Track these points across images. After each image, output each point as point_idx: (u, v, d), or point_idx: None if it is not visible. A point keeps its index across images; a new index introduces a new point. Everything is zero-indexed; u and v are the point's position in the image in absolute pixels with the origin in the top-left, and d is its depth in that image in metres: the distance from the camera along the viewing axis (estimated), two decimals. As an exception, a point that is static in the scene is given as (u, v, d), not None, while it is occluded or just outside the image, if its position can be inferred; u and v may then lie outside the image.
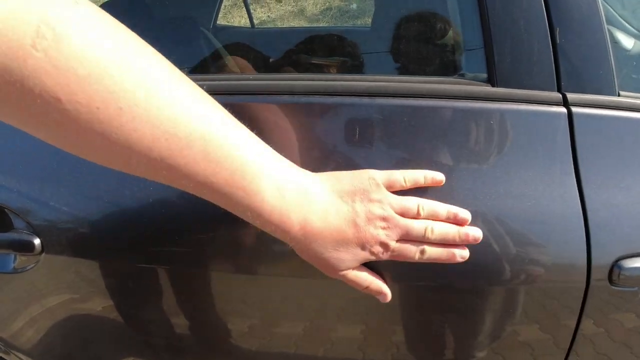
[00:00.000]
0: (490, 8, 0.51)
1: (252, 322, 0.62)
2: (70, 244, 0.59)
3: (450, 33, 0.63)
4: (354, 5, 4.83)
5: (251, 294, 0.60)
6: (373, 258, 0.41)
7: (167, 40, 1.10)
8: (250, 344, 0.64)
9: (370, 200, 0.39)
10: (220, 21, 2.22)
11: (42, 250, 0.61)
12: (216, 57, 1.39)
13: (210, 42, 1.41)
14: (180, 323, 0.63)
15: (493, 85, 0.52)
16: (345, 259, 0.40)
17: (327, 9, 4.89)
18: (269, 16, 4.25)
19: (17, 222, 0.62)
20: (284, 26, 4.01)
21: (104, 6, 1.24)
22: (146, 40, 0.33)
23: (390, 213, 0.40)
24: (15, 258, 0.64)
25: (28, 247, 0.60)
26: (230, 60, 1.38)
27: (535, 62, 0.52)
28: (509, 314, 0.56)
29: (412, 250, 0.41)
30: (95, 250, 0.59)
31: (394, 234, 0.40)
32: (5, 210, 0.62)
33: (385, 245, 0.40)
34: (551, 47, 0.53)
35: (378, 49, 1.12)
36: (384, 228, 0.39)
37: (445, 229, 0.42)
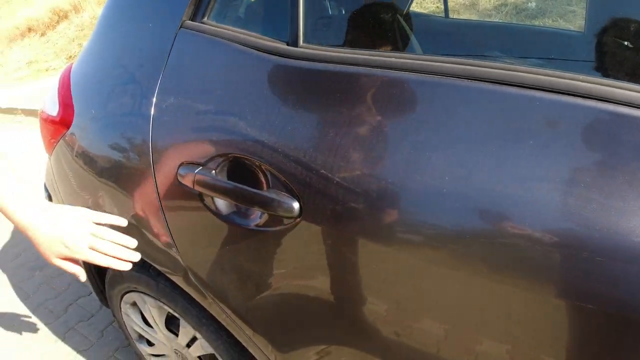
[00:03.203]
0: None
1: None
2: (335, 216, 0.57)
3: None
4: (533, 4, 4.43)
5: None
6: (71, 254, 0.69)
7: (366, 22, 1.06)
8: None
9: (79, 223, 0.69)
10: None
11: (299, 215, 0.60)
12: (405, 41, 1.33)
13: (402, 27, 1.36)
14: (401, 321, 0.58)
15: None
16: (55, 250, 0.68)
17: (501, 4, 4.56)
18: (437, 7, 4.08)
19: (275, 183, 0.62)
20: (480, 19, 3.83)
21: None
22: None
23: (85, 231, 0.69)
24: (260, 215, 0.65)
25: (287, 209, 0.59)
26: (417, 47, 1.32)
27: None
28: None
29: (95, 257, 0.70)
30: (359, 227, 0.55)
31: (86, 243, 0.69)
32: (265, 169, 0.63)
33: (79, 249, 0.68)
34: None
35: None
36: (81, 238, 0.68)
37: (113, 237, 0.71)
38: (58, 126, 1.02)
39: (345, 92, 0.58)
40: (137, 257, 0.73)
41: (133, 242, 0.73)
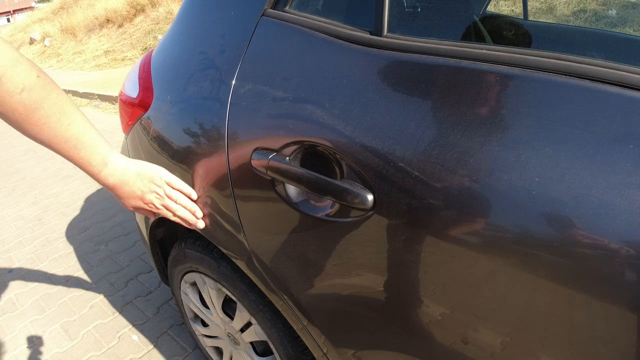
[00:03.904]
0: None
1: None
2: (411, 211, 0.55)
3: None
4: (613, 12, 4.17)
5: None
6: (147, 207, 0.80)
7: (440, 17, 1.03)
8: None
9: (155, 183, 0.78)
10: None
11: (372, 208, 0.59)
12: (487, 37, 1.28)
13: (474, 27, 1.31)
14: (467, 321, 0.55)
15: None
16: (134, 204, 0.79)
17: (580, 10, 4.33)
18: (512, 10, 3.92)
19: (349, 173, 0.61)
20: (564, 23, 3.67)
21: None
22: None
23: (161, 193, 0.79)
24: (331, 205, 0.64)
25: (361, 201, 0.58)
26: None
27: None
28: None
29: (167, 213, 0.82)
30: (436, 225, 0.53)
31: (159, 202, 0.80)
32: (339, 159, 0.62)
33: (153, 205, 0.80)
34: None
35: None
36: (156, 198, 0.79)
37: (184, 202, 0.84)
38: (136, 108, 1.07)
39: (431, 83, 0.56)
40: (201, 225, 0.87)
41: (200, 212, 0.86)
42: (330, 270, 0.69)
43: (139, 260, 2.15)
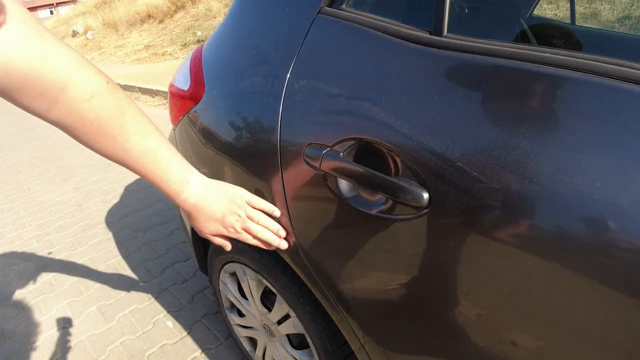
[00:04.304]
0: None
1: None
2: (467, 211, 0.55)
3: None
4: (664, 19, 4.01)
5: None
6: (226, 232, 0.73)
7: (497, 18, 1.02)
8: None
9: (236, 204, 0.72)
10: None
11: (427, 206, 0.59)
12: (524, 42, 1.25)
13: (524, 30, 1.28)
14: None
15: None
16: (212, 228, 0.72)
17: (625, 17, 4.20)
18: (556, 14, 3.82)
19: (404, 171, 0.62)
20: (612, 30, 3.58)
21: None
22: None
23: (242, 214, 0.72)
24: (384, 202, 0.65)
25: (416, 198, 0.59)
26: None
27: None
28: None
29: (248, 237, 0.74)
30: (493, 226, 0.54)
31: (240, 225, 0.73)
32: (394, 156, 0.63)
33: (234, 229, 0.73)
34: None
35: None
36: (237, 220, 0.72)
37: (266, 223, 0.76)
38: (187, 101, 1.11)
39: (493, 84, 0.56)
40: (285, 245, 0.79)
41: (283, 232, 0.79)
42: (378, 267, 0.69)
43: (176, 249, 2.21)
